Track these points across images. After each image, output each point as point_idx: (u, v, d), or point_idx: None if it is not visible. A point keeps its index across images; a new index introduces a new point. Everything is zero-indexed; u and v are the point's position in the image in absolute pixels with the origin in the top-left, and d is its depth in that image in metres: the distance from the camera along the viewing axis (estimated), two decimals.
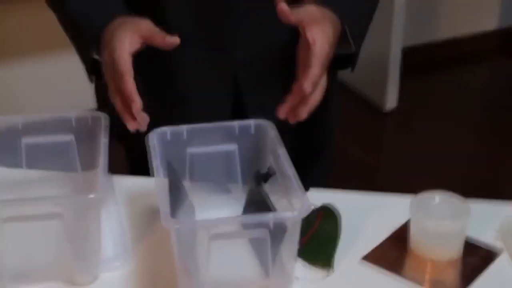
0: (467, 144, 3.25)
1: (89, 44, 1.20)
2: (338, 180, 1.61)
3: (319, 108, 1.15)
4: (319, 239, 1.13)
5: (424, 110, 3.52)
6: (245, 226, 1.03)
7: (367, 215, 1.21)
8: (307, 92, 1.08)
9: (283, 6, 1.08)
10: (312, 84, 1.08)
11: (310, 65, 1.08)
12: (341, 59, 1.21)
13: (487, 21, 4.03)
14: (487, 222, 1.17)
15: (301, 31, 1.11)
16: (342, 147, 3.13)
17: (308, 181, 1.22)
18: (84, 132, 1.22)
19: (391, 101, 3.47)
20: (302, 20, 1.10)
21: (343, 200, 1.21)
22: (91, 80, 1.24)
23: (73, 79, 2.76)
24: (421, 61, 3.81)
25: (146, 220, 1.20)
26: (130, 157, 1.49)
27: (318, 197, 1.21)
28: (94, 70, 1.21)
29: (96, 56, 1.19)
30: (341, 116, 1.54)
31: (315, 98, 1.13)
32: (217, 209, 1.16)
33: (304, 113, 1.12)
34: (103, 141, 1.14)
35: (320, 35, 1.09)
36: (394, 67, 3.42)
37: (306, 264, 1.10)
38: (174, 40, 1.12)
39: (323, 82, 1.14)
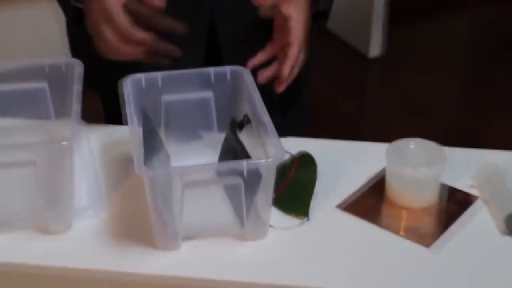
0: (452, 92, 3.24)
1: None
2: (320, 127, 1.61)
3: None
4: (294, 188, 1.13)
5: (409, 57, 3.50)
6: (220, 174, 1.02)
7: (344, 163, 1.20)
8: (285, 75, 1.15)
9: None
10: (291, 68, 1.14)
11: (289, 44, 1.13)
12: (313, 15, 1.23)
13: None
14: (463, 170, 1.17)
15: (277, 9, 1.15)
16: (325, 94, 3.13)
17: (285, 128, 1.22)
18: (57, 80, 1.20)
19: (375, 48, 3.45)
20: (276, 0, 1.14)
21: (319, 148, 1.21)
22: (71, 26, 1.23)
23: (48, 27, 2.74)
24: (406, 8, 3.78)
25: (121, 169, 1.19)
26: (106, 106, 1.47)
27: (295, 145, 1.20)
28: (76, 19, 1.19)
29: (79, 5, 1.17)
30: (322, 62, 1.53)
31: (293, 73, 1.17)
32: (193, 158, 1.16)
33: (282, 87, 1.18)
34: (76, 88, 1.12)
35: (294, 10, 1.14)
36: (378, 13, 3.39)
37: (281, 212, 1.10)
38: (160, 3, 1.12)
39: (301, 56, 1.17)
